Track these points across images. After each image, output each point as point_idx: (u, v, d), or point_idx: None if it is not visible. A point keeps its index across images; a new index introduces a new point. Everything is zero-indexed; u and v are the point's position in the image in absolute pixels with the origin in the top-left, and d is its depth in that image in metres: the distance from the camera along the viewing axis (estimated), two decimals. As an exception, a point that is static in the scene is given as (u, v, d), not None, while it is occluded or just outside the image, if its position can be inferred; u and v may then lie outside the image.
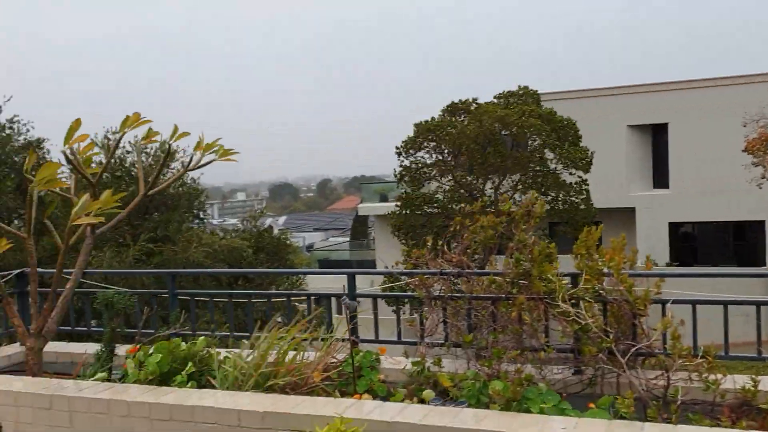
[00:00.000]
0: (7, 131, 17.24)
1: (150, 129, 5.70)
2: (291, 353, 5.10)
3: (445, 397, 4.63)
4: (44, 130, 18.91)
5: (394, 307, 8.40)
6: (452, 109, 19.19)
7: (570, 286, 4.87)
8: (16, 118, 17.54)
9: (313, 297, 6.19)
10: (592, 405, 4.30)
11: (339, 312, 6.11)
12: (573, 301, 4.70)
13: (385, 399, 4.70)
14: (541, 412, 4.20)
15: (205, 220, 21.06)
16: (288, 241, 19.70)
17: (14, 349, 6.54)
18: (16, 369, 6.07)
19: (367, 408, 4.32)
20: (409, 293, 5.57)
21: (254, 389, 4.82)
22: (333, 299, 6.08)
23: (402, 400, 4.62)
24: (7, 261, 11.44)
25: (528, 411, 4.24)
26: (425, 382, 4.85)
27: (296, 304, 6.73)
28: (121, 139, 6.08)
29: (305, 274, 16.80)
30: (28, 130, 17.69)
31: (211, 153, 5.78)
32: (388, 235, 18.92)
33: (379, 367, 5.28)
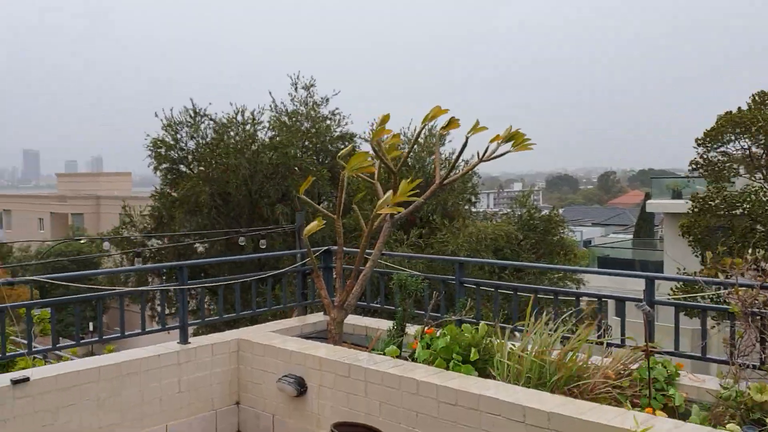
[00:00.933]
0: (327, 122, 19.32)
1: (453, 118, 5.87)
2: (573, 353, 4.90)
3: (760, 426, 4.05)
4: (359, 125, 20.84)
5: (690, 318, 7.62)
6: (763, 98, 16.85)
7: None
8: (337, 110, 19.59)
9: (599, 298, 5.88)
10: None
11: (616, 314, 5.74)
12: None
13: (684, 419, 4.27)
14: None
15: (477, 207, 21.34)
16: (559, 219, 18.84)
17: (318, 317, 7.26)
18: (319, 336, 6.73)
19: (665, 427, 3.95)
20: (716, 305, 4.99)
21: (535, 386, 4.72)
22: (611, 301, 5.73)
23: (705, 424, 4.14)
24: (311, 238, 12.81)
25: None
26: (735, 407, 4.29)
27: (564, 299, 6.45)
28: (420, 131, 6.37)
29: (586, 273, 15.99)
30: (345, 123, 19.67)
31: (506, 143, 5.77)
32: (680, 235, 17.31)
33: (677, 383, 4.83)
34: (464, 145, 5.77)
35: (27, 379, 5.06)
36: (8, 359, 6.84)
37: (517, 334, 5.62)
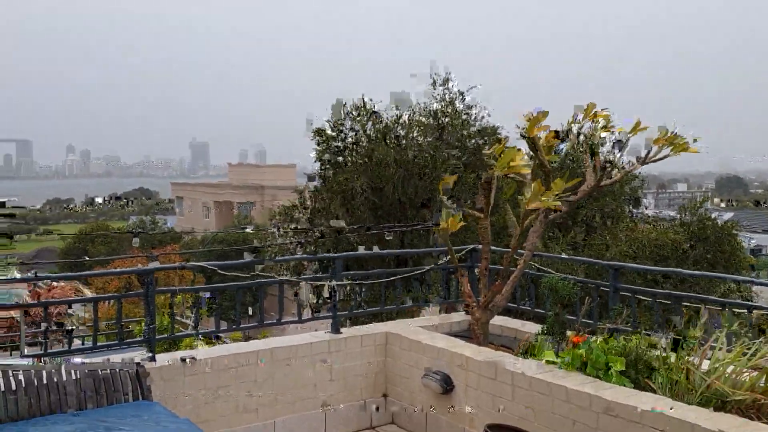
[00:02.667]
0: (464, 116, 19.18)
1: (607, 117, 5.62)
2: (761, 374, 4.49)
3: None
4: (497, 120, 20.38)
5: None
6: None
7: None
8: (475, 103, 19.40)
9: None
10: None
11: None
12: None
13: None
14: None
15: (639, 210, 20.24)
16: (735, 232, 17.43)
17: (461, 316, 7.23)
18: (466, 335, 6.70)
19: None
20: None
21: (701, 404, 4.39)
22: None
23: None
24: (462, 238, 12.77)
25: None
26: None
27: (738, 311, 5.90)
28: (579, 130, 6.13)
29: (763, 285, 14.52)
30: (482, 117, 19.43)
31: (668, 146, 5.44)
32: None
33: None
34: (624, 146, 5.50)
35: (194, 359, 5.47)
36: (177, 338, 7.43)
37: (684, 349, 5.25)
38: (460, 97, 19.27)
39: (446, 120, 19.03)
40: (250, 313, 6.83)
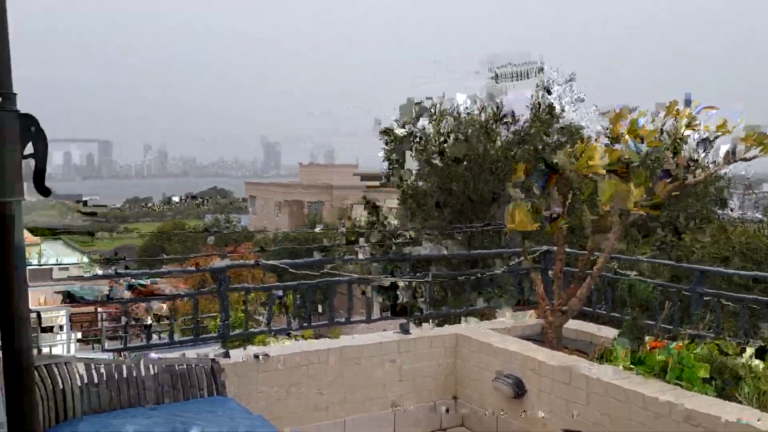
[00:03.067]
0: (545, 116, 18.77)
1: (690, 114, 5.39)
2: None
3: None
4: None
5: None
6: None
7: None
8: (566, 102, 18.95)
9: None
10: None
11: None
12: None
13: None
14: None
15: (725, 211, 19.39)
16: None
17: (534, 319, 7.07)
18: (538, 339, 6.56)
19: None
20: None
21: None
22: None
23: None
24: (535, 239, 12.51)
25: None
26: None
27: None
28: (662, 126, 5.92)
29: None
30: (565, 115, 18.94)
31: (756, 147, 5.17)
32: None
33: None
34: (710, 144, 5.25)
35: (267, 355, 5.55)
36: (251, 336, 7.56)
37: None
38: (545, 93, 18.84)
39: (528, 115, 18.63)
40: (320, 311, 6.89)
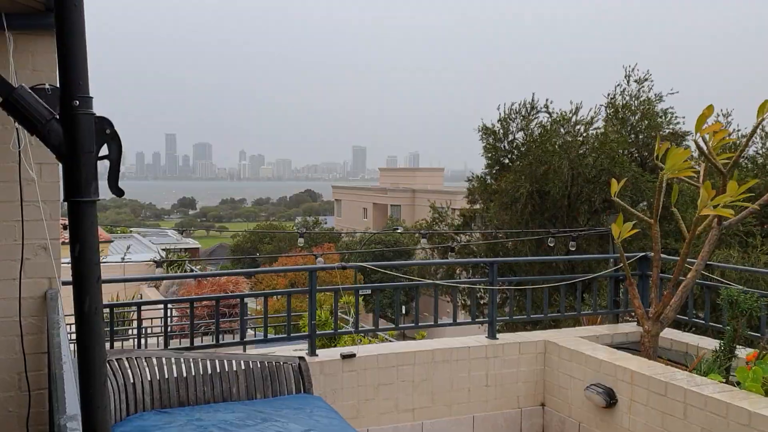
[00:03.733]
0: (658, 120, 18.24)
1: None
2: None
3: None
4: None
5: None
6: None
7: None
8: (669, 110, 18.42)
9: None
10: None
11: None
12: None
13: None
14: None
15: None
16: None
17: (631, 327, 6.83)
18: (631, 348, 6.33)
19: None
20: None
21: None
22: None
23: None
24: (631, 244, 12.11)
25: None
26: None
27: None
28: (758, 126, 5.60)
29: None
30: (677, 123, 18.38)
31: None
32: None
33: None
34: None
35: (354, 355, 5.61)
36: (338, 335, 7.68)
37: None
38: (658, 100, 18.37)
39: (637, 117, 18.20)
40: (405, 312, 6.91)
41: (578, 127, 17.99)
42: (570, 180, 16.99)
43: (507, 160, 19.25)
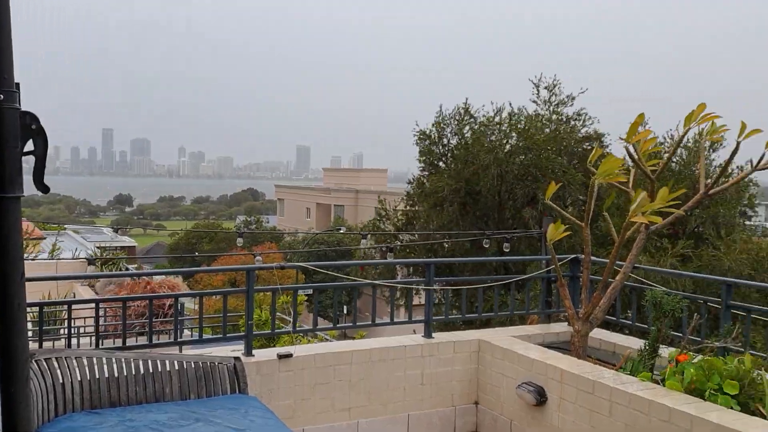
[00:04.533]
0: (573, 122, 18.80)
1: (713, 123, 5.32)
2: None
3: None
4: (608, 127, 19.99)
5: None
6: None
7: None
8: (582, 111, 19.00)
9: None
10: None
11: None
12: None
13: None
14: None
15: (753, 220, 19.16)
16: None
17: (562, 327, 7.05)
18: (562, 347, 6.53)
19: None
20: None
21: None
22: None
23: None
24: (561, 245, 12.43)
25: None
26: None
27: None
28: (684, 135, 5.86)
29: None
30: (592, 123, 18.99)
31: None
32: None
33: None
34: (735, 151, 5.16)
35: (291, 355, 5.61)
36: (276, 335, 7.65)
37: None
38: (570, 102, 18.93)
39: (552, 127, 18.74)
40: (345, 312, 6.94)
41: (503, 126, 18.46)
42: (499, 178, 17.39)
43: (442, 163, 19.56)
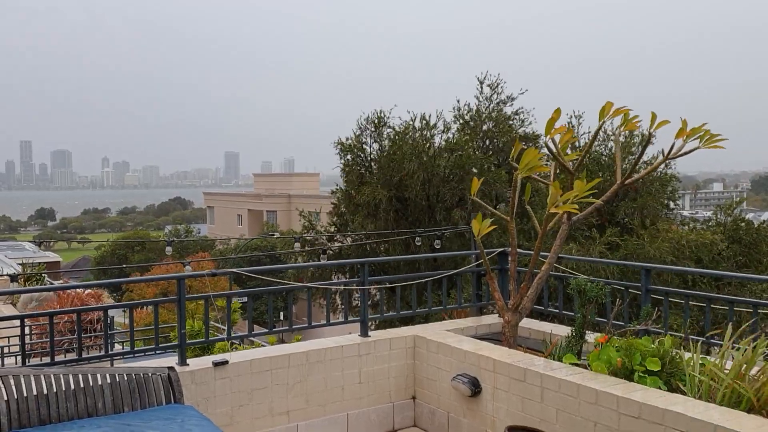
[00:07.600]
0: (510, 122, 19.25)
1: (626, 115, 5.58)
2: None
3: None
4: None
5: None
6: None
7: None
8: (521, 110, 19.49)
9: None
10: None
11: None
12: None
13: None
14: None
15: (675, 211, 20.09)
16: None
17: (493, 319, 7.24)
18: (494, 338, 6.71)
19: None
20: None
21: (728, 405, 4.35)
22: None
23: None
24: (491, 240, 12.75)
25: None
26: None
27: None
28: (599, 129, 6.12)
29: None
30: (530, 123, 19.49)
31: (693, 140, 5.37)
32: None
33: None
34: (647, 142, 5.45)
35: (226, 362, 5.57)
36: (210, 343, 7.55)
37: (714, 348, 5.22)
38: (510, 102, 19.34)
39: (490, 125, 19.11)
40: (282, 317, 6.93)
41: (425, 132, 18.73)
42: (426, 182, 17.65)
43: (366, 171, 19.69)
